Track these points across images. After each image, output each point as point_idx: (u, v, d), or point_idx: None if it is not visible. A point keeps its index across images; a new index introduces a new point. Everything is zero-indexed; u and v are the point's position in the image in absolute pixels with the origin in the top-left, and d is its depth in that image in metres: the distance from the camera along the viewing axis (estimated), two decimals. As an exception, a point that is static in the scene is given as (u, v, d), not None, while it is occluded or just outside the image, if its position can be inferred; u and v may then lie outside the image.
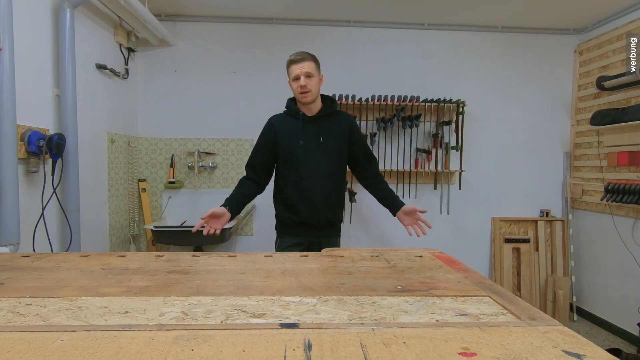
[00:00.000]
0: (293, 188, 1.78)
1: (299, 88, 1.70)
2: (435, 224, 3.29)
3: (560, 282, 3.14)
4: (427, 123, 3.20)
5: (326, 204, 1.80)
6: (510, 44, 3.25)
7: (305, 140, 1.76)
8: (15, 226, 1.68)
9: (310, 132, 1.78)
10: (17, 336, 0.63)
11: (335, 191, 1.83)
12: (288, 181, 1.78)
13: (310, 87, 1.69)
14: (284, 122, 1.81)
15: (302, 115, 1.78)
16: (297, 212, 1.79)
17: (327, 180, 1.79)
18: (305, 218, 1.78)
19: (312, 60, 1.72)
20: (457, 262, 1.17)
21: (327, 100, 1.85)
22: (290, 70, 1.73)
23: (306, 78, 1.69)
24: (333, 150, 1.79)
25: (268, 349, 0.59)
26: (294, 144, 1.77)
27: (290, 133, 1.78)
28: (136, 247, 3.07)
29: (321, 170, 1.77)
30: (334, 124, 1.81)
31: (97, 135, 2.51)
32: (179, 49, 3.11)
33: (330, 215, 1.82)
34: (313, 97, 1.73)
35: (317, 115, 1.79)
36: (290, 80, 1.74)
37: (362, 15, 3.04)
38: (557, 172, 3.34)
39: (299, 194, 1.77)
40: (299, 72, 1.68)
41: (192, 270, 1.04)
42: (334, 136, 1.80)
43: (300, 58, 1.70)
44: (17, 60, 1.67)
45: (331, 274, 1.03)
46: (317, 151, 1.77)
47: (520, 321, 0.71)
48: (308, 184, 1.76)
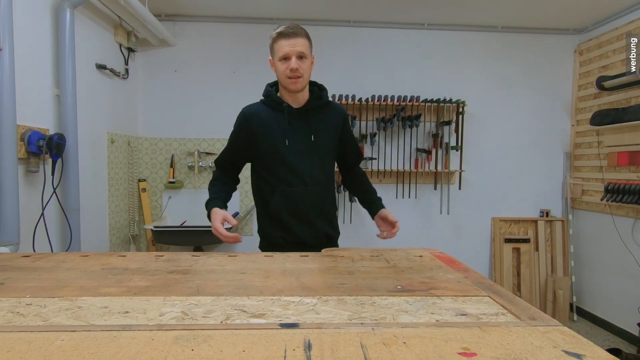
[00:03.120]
0: (281, 199, 1.40)
1: (288, 71, 1.30)
2: (435, 224, 3.34)
3: (560, 282, 3.14)
4: (427, 123, 3.20)
5: (323, 216, 1.46)
6: (510, 44, 3.25)
7: (292, 139, 1.39)
8: (15, 226, 1.68)
9: (297, 128, 1.40)
10: (17, 336, 0.63)
11: (331, 200, 1.52)
12: (275, 190, 1.41)
13: (302, 71, 1.31)
14: (262, 116, 1.41)
15: (286, 107, 1.39)
16: (288, 229, 1.42)
17: (323, 187, 1.45)
18: (300, 235, 1.43)
19: (306, 37, 1.34)
20: (457, 262, 1.17)
21: (315, 89, 1.47)
22: (277, 46, 1.32)
23: (298, 59, 1.30)
24: (326, 150, 1.45)
25: (268, 349, 0.59)
26: (278, 144, 1.39)
27: (272, 130, 1.39)
28: (136, 247, 3.07)
29: (314, 175, 1.42)
30: (325, 118, 1.45)
31: (97, 135, 2.51)
32: (179, 49, 3.11)
33: (329, 229, 1.49)
34: (304, 85, 1.36)
35: (306, 107, 1.41)
36: (276, 60, 1.34)
37: (362, 15, 3.04)
38: (557, 172, 3.34)
39: (290, 207, 1.41)
40: (290, 50, 1.29)
41: (192, 270, 1.04)
42: (326, 133, 1.44)
43: (292, 32, 1.29)
44: (17, 60, 1.67)
45: (331, 274, 1.03)
46: (307, 153, 1.41)
47: (520, 321, 0.71)
48: (299, 193, 1.40)
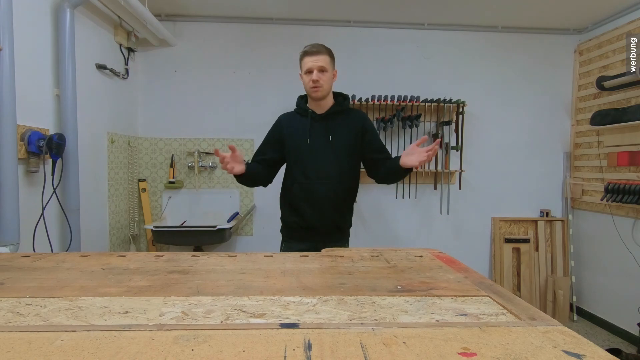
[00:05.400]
0: (299, 189, 1.70)
1: (310, 82, 1.61)
2: (435, 224, 3.34)
3: (560, 282, 3.14)
4: (427, 123, 3.20)
5: (334, 206, 1.71)
6: (510, 44, 3.25)
7: (312, 139, 1.68)
8: (15, 226, 1.68)
9: (318, 130, 1.69)
10: (17, 336, 0.63)
11: (344, 193, 1.73)
12: (295, 182, 1.70)
13: (322, 82, 1.60)
14: (292, 121, 1.73)
15: (310, 113, 1.69)
16: (302, 215, 1.71)
17: (336, 181, 1.69)
18: (311, 221, 1.70)
19: (327, 54, 1.62)
20: (457, 262, 1.17)
21: (339, 98, 1.77)
22: (303, 62, 1.63)
23: (319, 72, 1.59)
24: (342, 149, 1.69)
25: (268, 349, 0.59)
26: (300, 143, 1.68)
27: (297, 131, 1.70)
28: (136, 247, 3.07)
29: (329, 170, 1.68)
30: (344, 122, 1.71)
31: (97, 135, 2.51)
32: (179, 49, 3.11)
33: (338, 218, 1.74)
34: (324, 93, 1.65)
35: (327, 112, 1.70)
36: (302, 73, 1.64)
37: (362, 15, 3.04)
38: (557, 172, 3.34)
39: (305, 196, 1.69)
40: (312, 65, 1.58)
41: (192, 270, 1.04)
42: (344, 135, 1.70)
43: (315, 50, 1.59)
44: (17, 60, 1.67)
45: (331, 274, 1.03)
46: (325, 151, 1.67)
47: (520, 321, 0.71)
48: (314, 185, 1.67)
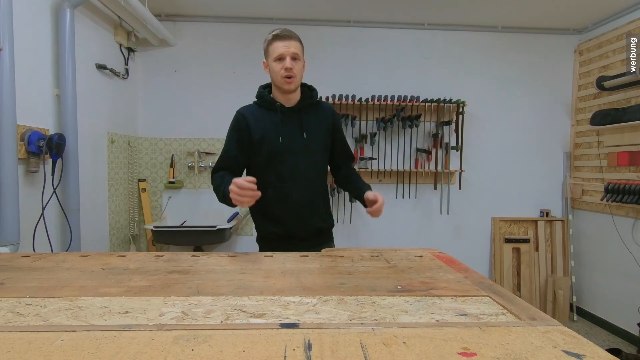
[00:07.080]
0: (274, 194, 1.48)
1: (283, 71, 1.39)
2: (435, 224, 3.34)
3: (560, 282, 3.14)
4: (427, 123, 3.20)
5: (314, 210, 1.53)
6: (510, 44, 3.25)
7: (286, 136, 1.47)
8: (15, 226, 1.68)
9: (290, 126, 1.48)
10: (17, 336, 0.63)
11: (321, 194, 1.57)
12: (268, 186, 1.47)
13: (295, 72, 1.40)
14: (257, 115, 1.48)
15: (279, 107, 1.47)
16: (280, 223, 1.50)
17: (313, 182, 1.52)
18: (291, 230, 1.51)
19: (298, 41, 1.43)
20: (457, 262, 1.17)
21: (306, 89, 1.56)
22: (272, 48, 1.41)
23: (292, 60, 1.39)
24: (317, 147, 1.53)
25: (268, 349, 0.59)
26: (272, 141, 1.47)
27: (267, 128, 1.47)
28: (136, 247, 3.07)
29: (305, 171, 1.50)
30: (316, 116, 1.53)
31: (97, 135, 2.51)
32: (179, 49, 3.11)
33: (320, 222, 1.56)
34: (297, 85, 1.45)
35: (297, 106, 1.50)
36: (271, 61, 1.42)
37: (362, 15, 3.04)
38: (557, 172, 3.34)
39: (281, 201, 1.49)
40: (285, 51, 1.38)
41: (192, 270, 1.04)
42: (317, 131, 1.52)
43: (287, 35, 1.39)
44: (17, 60, 1.67)
45: (331, 274, 1.03)
46: (300, 149, 1.49)
47: (520, 321, 0.71)
48: (291, 188, 1.48)
